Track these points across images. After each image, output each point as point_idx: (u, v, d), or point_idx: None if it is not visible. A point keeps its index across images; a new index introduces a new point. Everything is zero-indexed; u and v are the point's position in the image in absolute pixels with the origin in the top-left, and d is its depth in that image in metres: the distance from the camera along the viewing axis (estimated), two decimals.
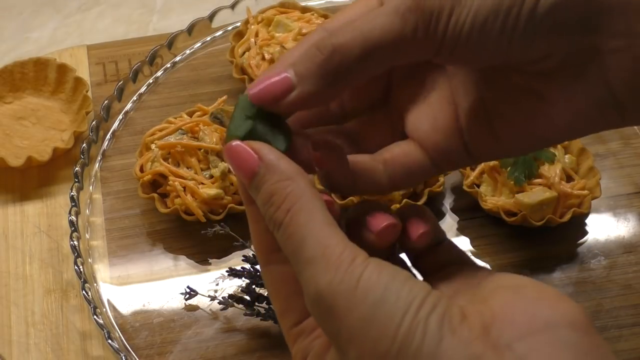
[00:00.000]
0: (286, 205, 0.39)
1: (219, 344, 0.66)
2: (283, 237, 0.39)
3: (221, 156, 0.72)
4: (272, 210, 0.39)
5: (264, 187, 0.39)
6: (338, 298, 0.36)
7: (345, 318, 0.36)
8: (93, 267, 0.71)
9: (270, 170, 0.39)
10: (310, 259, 0.37)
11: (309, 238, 0.38)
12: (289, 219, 0.38)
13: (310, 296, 0.37)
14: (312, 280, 0.37)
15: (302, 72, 0.41)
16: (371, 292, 0.36)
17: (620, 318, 0.67)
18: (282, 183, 0.39)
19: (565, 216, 0.70)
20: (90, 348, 0.66)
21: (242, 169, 0.40)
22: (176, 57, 0.87)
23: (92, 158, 0.78)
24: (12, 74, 0.82)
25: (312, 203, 0.39)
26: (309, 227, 0.38)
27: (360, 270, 0.37)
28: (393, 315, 0.35)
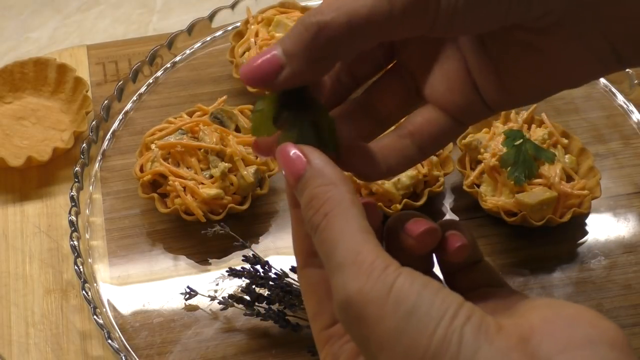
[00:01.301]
0: (324, 209, 0.39)
1: (219, 344, 0.66)
2: (319, 240, 0.39)
3: (221, 156, 0.72)
4: (311, 213, 0.40)
5: (307, 190, 0.40)
6: (368, 305, 0.36)
7: (376, 326, 0.36)
8: (93, 267, 0.71)
9: (315, 174, 0.40)
10: (342, 264, 0.37)
11: (342, 243, 0.38)
12: (325, 222, 0.39)
13: (339, 302, 0.37)
14: (342, 285, 0.37)
15: (290, 50, 0.41)
16: (403, 300, 0.36)
17: (620, 318, 0.67)
18: (324, 187, 0.40)
19: (565, 216, 0.70)
20: (90, 348, 0.66)
21: (291, 170, 0.41)
22: (176, 57, 0.87)
23: (92, 158, 0.78)
24: (12, 74, 0.82)
25: (350, 210, 0.39)
26: (344, 232, 0.38)
27: (393, 278, 0.36)
28: (426, 324, 0.35)
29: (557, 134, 0.74)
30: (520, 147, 0.71)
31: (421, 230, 0.42)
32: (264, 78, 0.42)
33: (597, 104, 0.83)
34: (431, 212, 0.73)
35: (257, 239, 0.73)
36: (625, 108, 0.82)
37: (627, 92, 0.83)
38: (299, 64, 0.41)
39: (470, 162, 0.74)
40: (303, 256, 0.43)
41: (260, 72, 0.42)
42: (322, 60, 0.41)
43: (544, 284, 0.69)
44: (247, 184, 0.71)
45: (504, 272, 0.70)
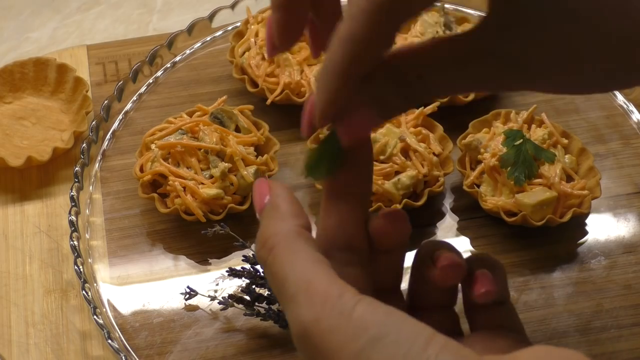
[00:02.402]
0: (270, 243, 0.39)
1: (219, 344, 0.66)
2: (268, 275, 0.39)
3: (221, 156, 0.72)
4: (259, 248, 0.40)
5: (260, 228, 0.41)
6: (326, 334, 0.35)
7: (336, 355, 0.34)
8: (93, 267, 0.71)
9: (270, 208, 0.41)
10: (293, 295, 0.36)
11: (292, 275, 0.37)
12: (272, 257, 0.38)
13: (296, 334, 0.36)
14: (297, 317, 0.36)
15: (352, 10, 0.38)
16: (367, 327, 0.34)
17: (620, 318, 0.67)
18: (271, 222, 0.40)
19: (565, 216, 0.70)
20: (90, 348, 0.66)
21: (257, 203, 0.42)
22: (176, 57, 0.87)
23: (92, 158, 0.78)
24: (12, 74, 0.82)
25: (296, 242, 0.38)
26: (293, 264, 0.37)
27: (351, 305, 0.35)
28: (395, 351, 0.34)
29: (557, 134, 0.74)
30: (520, 147, 0.71)
31: (445, 263, 0.42)
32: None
33: (597, 104, 0.83)
34: (431, 212, 0.74)
35: None
36: (625, 108, 0.82)
37: (627, 92, 0.83)
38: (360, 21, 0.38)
39: (470, 162, 0.74)
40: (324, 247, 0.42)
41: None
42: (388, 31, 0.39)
43: (544, 284, 0.69)
44: (247, 184, 0.71)
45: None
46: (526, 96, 0.83)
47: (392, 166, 0.71)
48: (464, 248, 0.72)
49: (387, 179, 0.70)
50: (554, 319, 0.67)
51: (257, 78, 0.80)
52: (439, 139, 0.75)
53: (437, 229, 0.73)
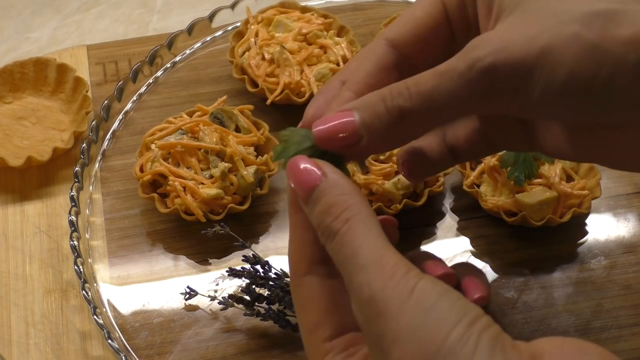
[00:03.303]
0: (345, 215, 0.40)
1: (219, 344, 0.66)
2: (338, 244, 0.40)
3: (221, 156, 0.72)
4: (330, 220, 0.41)
5: (324, 199, 0.41)
6: (390, 302, 0.37)
7: (394, 320, 0.37)
8: (93, 267, 0.71)
9: (332, 185, 0.42)
10: (365, 265, 0.39)
11: (365, 246, 0.39)
12: (347, 227, 0.40)
13: (361, 300, 0.38)
14: (366, 284, 0.38)
15: (369, 125, 0.43)
16: (424, 299, 0.37)
17: (620, 318, 0.67)
18: (344, 197, 0.41)
19: (565, 216, 0.70)
20: (90, 348, 0.66)
21: (304, 181, 0.42)
22: (176, 57, 0.87)
23: (92, 158, 0.78)
24: (12, 74, 0.82)
25: (370, 218, 0.40)
26: (366, 237, 0.39)
27: (415, 280, 0.38)
28: (444, 322, 0.36)
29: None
30: None
31: (439, 274, 0.44)
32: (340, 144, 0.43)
33: None
34: (431, 212, 0.73)
35: (257, 239, 0.73)
36: None
37: None
38: (376, 141, 0.43)
39: (470, 162, 0.74)
40: (306, 264, 0.44)
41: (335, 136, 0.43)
42: (398, 140, 0.44)
43: (544, 284, 0.69)
44: (247, 184, 0.71)
45: (504, 272, 0.70)
46: None
47: (392, 166, 0.71)
48: (464, 248, 0.72)
49: (387, 179, 0.70)
50: (554, 319, 0.67)
51: (257, 78, 0.80)
52: None
53: (437, 229, 0.73)
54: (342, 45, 0.82)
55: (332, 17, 0.85)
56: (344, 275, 0.40)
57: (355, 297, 0.39)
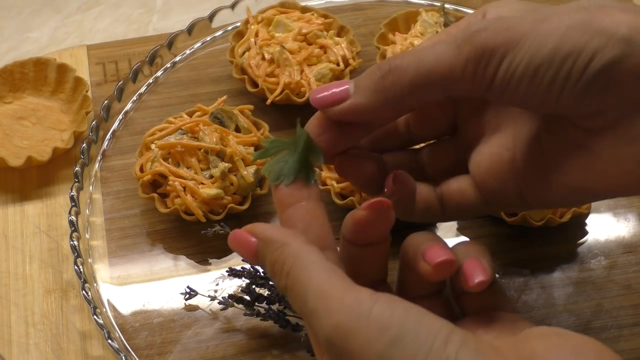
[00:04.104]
0: (285, 269, 0.40)
1: (219, 344, 0.66)
2: (291, 297, 0.40)
3: (221, 156, 0.72)
4: (277, 279, 0.41)
5: (266, 260, 0.42)
6: (349, 337, 0.36)
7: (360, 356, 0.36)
8: (93, 267, 0.71)
9: (266, 243, 0.42)
10: (314, 309, 0.38)
11: (309, 291, 0.39)
12: (291, 280, 0.40)
13: (323, 344, 0.38)
14: (320, 329, 0.38)
15: (360, 85, 0.44)
16: (386, 328, 0.36)
17: (620, 318, 0.67)
18: (278, 251, 0.41)
19: (565, 216, 0.70)
20: (90, 348, 0.66)
21: (247, 252, 0.43)
22: (176, 57, 0.87)
23: (92, 158, 0.78)
24: (12, 74, 0.82)
25: (308, 259, 0.40)
26: (308, 281, 0.39)
27: (369, 305, 0.37)
28: (415, 352, 0.35)
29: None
30: None
31: (440, 260, 0.43)
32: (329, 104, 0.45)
33: None
34: None
35: None
36: None
37: None
38: (362, 99, 0.44)
39: None
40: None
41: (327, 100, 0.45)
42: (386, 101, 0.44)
43: (544, 284, 0.69)
44: (247, 184, 0.71)
45: (504, 272, 0.70)
46: None
47: None
48: None
49: None
50: (554, 319, 0.67)
51: (257, 78, 0.80)
52: None
53: (437, 229, 0.73)
54: (342, 45, 0.82)
55: (332, 17, 0.85)
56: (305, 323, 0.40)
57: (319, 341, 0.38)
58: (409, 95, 0.43)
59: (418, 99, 0.43)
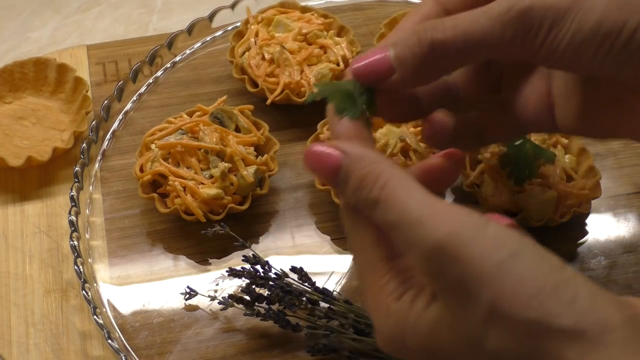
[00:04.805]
0: (380, 182, 0.40)
1: (219, 344, 0.66)
2: (382, 210, 0.40)
3: (221, 156, 0.72)
4: (367, 192, 0.40)
5: (353, 175, 0.41)
6: (463, 246, 0.37)
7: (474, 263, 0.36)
8: (93, 267, 0.71)
9: (357, 159, 0.41)
10: (420, 217, 0.38)
11: (413, 202, 0.39)
12: (385, 193, 0.40)
13: (426, 251, 0.38)
14: (427, 236, 0.37)
15: (402, 58, 0.45)
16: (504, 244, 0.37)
17: None
18: (371, 166, 0.41)
19: (565, 216, 0.70)
20: (90, 348, 0.66)
21: (326, 166, 0.42)
22: (176, 57, 0.87)
23: (92, 158, 0.78)
24: (12, 74, 0.82)
25: (405, 178, 0.40)
26: (410, 194, 0.39)
27: (483, 222, 0.37)
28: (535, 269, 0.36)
29: (557, 134, 0.74)
30: (520, 147, 0.70)
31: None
32: (374, 77, 0.45)
33: None
34: None
35: (257, 239, 0.73)
36: None
37: None
38: (408, 73, 0.45)
39: (470, 162, 0.74)
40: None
41: (371, 70, 0.45)
42: (430, 73, 0.45)
43: None
44: (247, 184, 0.71)
45: None
46: None
47: None
48: None
49: None
50: None
51: (257, 78, 0.80)
52: None
53: None
54: (342, 45, 0.82)
55: (332, 17, 0.85)
56: (398, 238, 0.39)
57: (417, 252, 0.38)
58: (453, 66, 0.46)
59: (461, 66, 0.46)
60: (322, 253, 0.72)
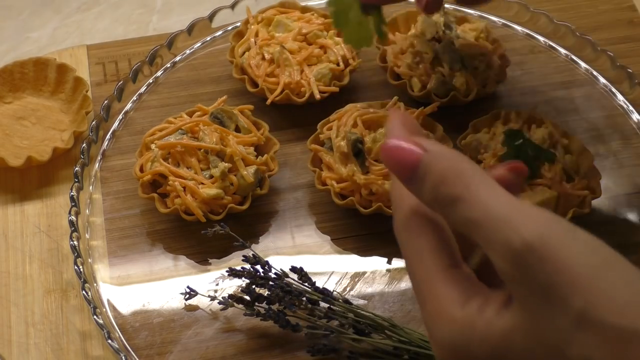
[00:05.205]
0: (462, 180, 0.39)
1: (219, 344, 0.66)
2: (464, 209, 0.38)
3: (221, 156, 0.72)
4: (448, 188, 0.39)
5: (434, 171, 0.39)
6: (555, 247, 0.36)
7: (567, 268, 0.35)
8: (93, 267, 0.71)
9: (438, 156, 0.40)
10: (507, 216, 0.37)
11: (498, 201, 0.37)
12: (468, 191, 0.38)
13: (513, 251, 0.36)
14: (515, 235, 0.36)
15: None
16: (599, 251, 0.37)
17: None
18: (453, 163, 0.39)
19: (565, 216, 0.70)
20: (90, 348, 0.66)
21: (405, 161, 0.40)
22: (176, 57, 0.87)
23: (92, 158, 0.78)
24: (12, 74, 0.82)
25: (489, 179, 0.39)
26: (494, 194, 0.38)
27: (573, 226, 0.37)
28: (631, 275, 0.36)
29: (557, 134, 0.74)
30: (520, 147, 0.70)
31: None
32: None
33: (597, 104, 0.83)
34: None
35: (257, 239, 0.73)
36: (625, 108, 0.82)
37: (627, 92, 0.83)
38: None
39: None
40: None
41: None
42: None
43: None
44: (247, 184, 0.71)
45: None
46: (526, 96, 0.83)
47: None
48: None
49: (387, 179, 0.70)
50: None
51: (257, 78, 0.80)
52: (439, 139, 0.75)
53: None
54: (342, 45, 0.82)
55: None
56: (479, 236, 0.38)
57: (502, 252, 0.37)
58: None
59: None
60: (322, 253, 0.72)
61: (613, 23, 0.90)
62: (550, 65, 0.86)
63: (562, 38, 0.87)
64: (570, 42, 0.87)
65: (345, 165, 0.71)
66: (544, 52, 0.87)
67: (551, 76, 0.85)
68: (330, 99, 0.79)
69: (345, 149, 0.71)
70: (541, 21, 0.88)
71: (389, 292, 0.69)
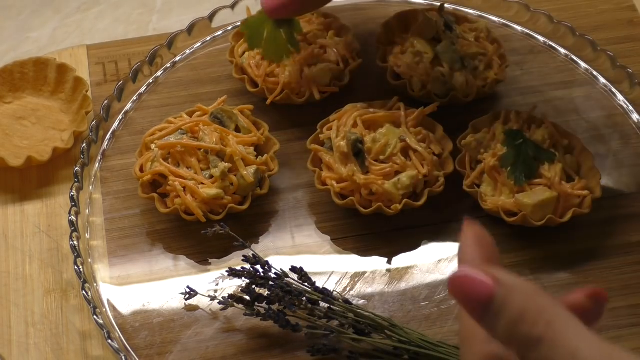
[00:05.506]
0: (544, 317, 0.36)
1: (219, 344, 0.66)
2: (547, 350, 0.36)
3: (221, 156, 0.72)
4: (527, 328, 0.36)
5: (511, 307, 0.37)
6: None
7: None
8: (93, 267, 0.71)
9: (513, 289, 0.37)
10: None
11: (584, 345, 0.36)
12: (552, 331, 0.36)
13: None
14: None
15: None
16: None
17: (620, 318, 0.67)
18: (532, 299, 0.37)
19: (565, 216, 0.70)
20: (90, 348, 0.66)
21: (476, 295, 0.38)
22: (176, 57, 0.87)
23: (92, 158, 0.78)
24: (12, 74, 0.82)
25: (570, 315, 0.37)
26: (580, 335, 0.36)
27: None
28: None
29: (557, 134, 0.74)
30: (520, 147, 0.71)
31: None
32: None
33: (597, 104, 0.83)
34: (431, 212, 0.73)
35: (257, 239, 0.73)
36: (625, 108, 0.82)
37: (627, 92, 0.83)
38: None
39: (470, 162, 0.74)
40: None
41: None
42: None
43: (544, 284, 0.69)
44: (247, 184, 0.71)
45: None
46: (526, 96, 0.83)
47: (392, 166, 0.71)
48: None
49: (387, 179, 0.71)
50: None
51: (257, 78, 0.80)
52: (439, 139, 0.75)
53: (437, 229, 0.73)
54: (342, 45, 0.81)
55: (332, 17, 0.85)
56: None
57: None
58: None
59: None
60: (322, 253, 0.72)
61: (613, 23, 0.90)
62: (550, 65, 0.86)
63: (562, 38, 0.87)
64: (570, 42, 0.87)
65: (345, 165, 0.71)
66: (544, 52, 0.87)
67: (551, 76, 0.85)
68: (330, 99, 0.79)
69: (345, 149, 0.71)
70: (541, 21, 0.88)
71: (389, 292, 0.69)
